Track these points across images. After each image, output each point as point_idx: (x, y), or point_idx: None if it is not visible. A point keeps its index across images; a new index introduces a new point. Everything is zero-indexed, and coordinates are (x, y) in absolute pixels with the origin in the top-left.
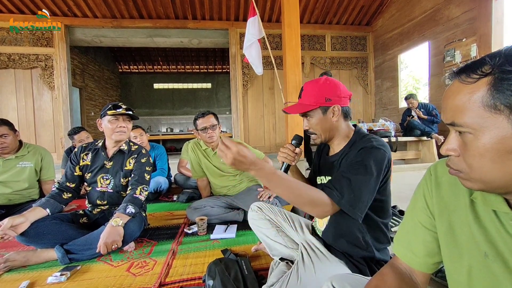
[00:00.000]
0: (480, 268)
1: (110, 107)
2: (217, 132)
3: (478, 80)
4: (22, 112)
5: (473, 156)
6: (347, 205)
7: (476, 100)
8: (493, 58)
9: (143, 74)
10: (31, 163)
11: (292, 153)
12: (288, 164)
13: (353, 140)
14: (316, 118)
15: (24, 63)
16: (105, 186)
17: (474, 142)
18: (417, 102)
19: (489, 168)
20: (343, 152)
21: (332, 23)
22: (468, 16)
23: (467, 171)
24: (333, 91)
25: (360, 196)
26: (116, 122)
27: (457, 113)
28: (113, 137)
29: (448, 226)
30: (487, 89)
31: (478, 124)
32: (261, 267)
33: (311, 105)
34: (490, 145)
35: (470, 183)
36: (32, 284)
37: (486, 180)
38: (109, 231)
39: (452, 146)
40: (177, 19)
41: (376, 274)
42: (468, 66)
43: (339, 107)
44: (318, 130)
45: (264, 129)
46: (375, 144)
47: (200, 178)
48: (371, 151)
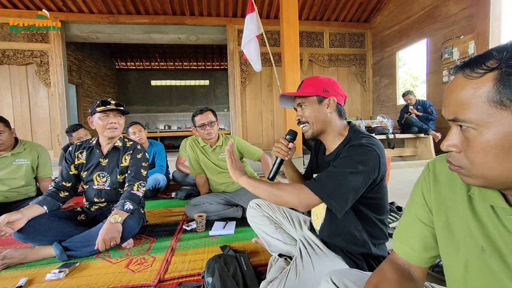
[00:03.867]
0: (477, 263)
1: (98, 104)
2: (215, 128)
3: (484, 75)
4: (17, 109)
5: (476, 152)
6: (325, 195)
7: (481, 96)
8: (500, 52)
9: (141, 71)
10: (27, 160)
11: (286, 148)
12: (282, 159)
13: (348, 139)
14: (310, 107)
15: (19, 59)
16: (102, 183)
17: (477, 138)
18: (415, 98)
19: (492, 164)
20: (338, 151)
21: (330, 20)
22: (466, 13)
23: (469, 167)
24: (331, 85)
25: (340, 189)
26: (107, 118)
27: (461, 109)
28: (105, 134)
29: (446, 221)
30: (493, 84)
31: (483, 120)
32: (260, 263)
33: (309, 92)
34: (495, 141)
35: (471, 180)
36: (30, 281)
37: (488, 176)
38: (108, 228)
39: (454, 142)
40: (175, 15)
41: (375, 271)
42: (473, 61)
43: (334, 100)
44: (311, 119)
45: (262, 126)
46: (364, 142)
47: (198, 175)
48: (358, 148)
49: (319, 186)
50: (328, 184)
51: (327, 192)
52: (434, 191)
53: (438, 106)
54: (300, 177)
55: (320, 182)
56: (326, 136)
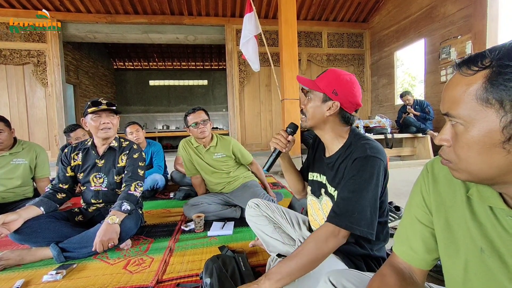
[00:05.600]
0: (476, 263)
1: (89, 105)
2: (208, 127)
3: (477, 73)
4: (14, 109)
5: (462, 147)
6: (356, 228)
7: (470, 93)
8: (493, 52)
9: (139, 71)
10: (25, 160)
11: (285, 140)
12: (279, 151)
13: (349, 142)
14: (313, 102)
15: (16, 59)
16: (99, 185)
17: (464, 134)
18: (413, 99)
19: (475, 159)
20: (340, 155)
21: (328, 20)
22: (464, 14)
23: (456, 161)
24: (346, 90)
25: (362, 213)
26: (99, 119)
27: (453, 104)
28: (98, 134)
29: (445, 222)
30: (482, 82)
31: (470, 117)
32: (259, 264)
33: (318, 87)
34: (478, 137)
35: (457, 173)
36: (27, 283)
37: (472, 171)
38: (105, 229)
39: (445, 136)
40: (173, 15)
41: (376, 275)
42: (470, 59)
43: (337, 105)
44: (309, 113)
45: (261, 126)
46: (369, 153)
47: (193, 176)
48: (365, 162)
49: (346, 221)
50: (353, 214)
51: (358, 224)
52: (433, 191)
53: (435, 106)
54: (295, 171)
55: (344, 215)
56: (323, 134)
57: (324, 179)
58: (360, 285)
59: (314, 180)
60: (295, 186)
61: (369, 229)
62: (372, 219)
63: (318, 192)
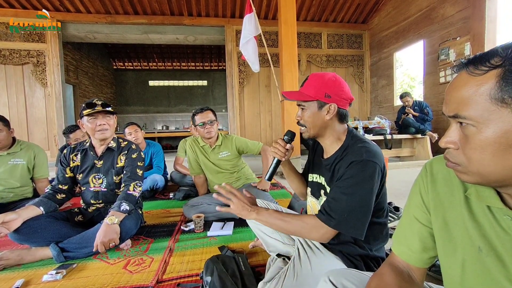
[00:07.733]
0: (473, 262)
1: (84, 107)
2: (215, 127)
3: (487, 72)
4: (13, 109)
5: (474, 149)
6: (344, 228)
7: (483, 93)
8: (505, 50)
9: (138, 71)
10: (23, 160)
11: (283, 149)
12: (279, 160)
13: (346, 144)
14: (310, 111)
15: (15, 59)
16: (98, 185)
17: (476, 135)
18: (412, 100)
19: (489, 161)
20: (337, 156)
21: (328, 21)
22: (462, 15)
23: (466, 164)
24: (336, 89)
25: (353, 215)
26: (95, 120)
27: (462, 105)
28: (96, 136)
29: (443, 222)
30: (496, 82)
31: (483, 117)
32: (258, 264)
33: (310, 96)
34: (493, 138)
35: (466, 176)
36: (27, 282)
37: (484, 173)
38: (105, 229)
39: (452, 138)
40: (173, 15)
41: (374, 274)
42: (477, 58)
43: (335, 106)
44: (308, 123)
45: (260, 127)
46: (365, 157)
47: (197, 175)
48: (361, 167)
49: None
50: (342, 214)
51: (346, 224)
52: (432, 191)
53: (434, 107)
54: (297, 175)
55: (335, 215)
56: (324, 139)
57: (323, 180)
58: (360, 285)
59: (314, 181)
60: (299, 189)
61: (357, 230)
62: (362, 221)
63: (317, 193)
